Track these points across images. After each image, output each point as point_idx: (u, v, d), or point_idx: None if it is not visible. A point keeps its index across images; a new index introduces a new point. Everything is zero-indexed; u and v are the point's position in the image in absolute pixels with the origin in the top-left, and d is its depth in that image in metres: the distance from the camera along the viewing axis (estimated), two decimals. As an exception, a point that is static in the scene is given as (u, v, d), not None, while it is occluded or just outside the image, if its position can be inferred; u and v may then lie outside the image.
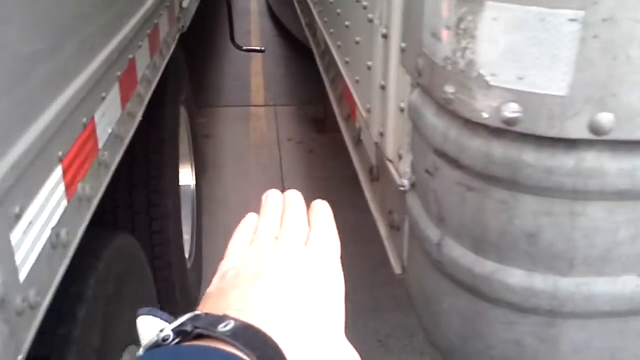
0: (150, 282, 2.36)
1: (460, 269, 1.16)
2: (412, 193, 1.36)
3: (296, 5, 5.20)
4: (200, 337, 0.45)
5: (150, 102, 2.30)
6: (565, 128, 0.99)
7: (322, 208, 0.65)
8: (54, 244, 1.04)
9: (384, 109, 1.60)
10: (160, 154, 2.84)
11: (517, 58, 0.99)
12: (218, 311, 0.48)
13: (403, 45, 1.41)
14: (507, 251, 1.11)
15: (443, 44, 1.10)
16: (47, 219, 1.03)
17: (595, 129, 0.98)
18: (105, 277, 1.69)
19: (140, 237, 2.78)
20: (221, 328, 0.45)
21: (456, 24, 1.05)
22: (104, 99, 1.41)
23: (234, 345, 0.43)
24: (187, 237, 3.70)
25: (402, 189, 1.38)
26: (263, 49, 5.64)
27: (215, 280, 0.58)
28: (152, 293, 2.38)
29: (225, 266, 0.60)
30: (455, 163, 1.12)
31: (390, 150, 1.57)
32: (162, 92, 2.98)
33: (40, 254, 0.98)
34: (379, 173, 1.74)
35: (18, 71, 0.96)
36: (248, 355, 0.43)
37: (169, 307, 3.04)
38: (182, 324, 0.46)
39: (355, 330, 3.51)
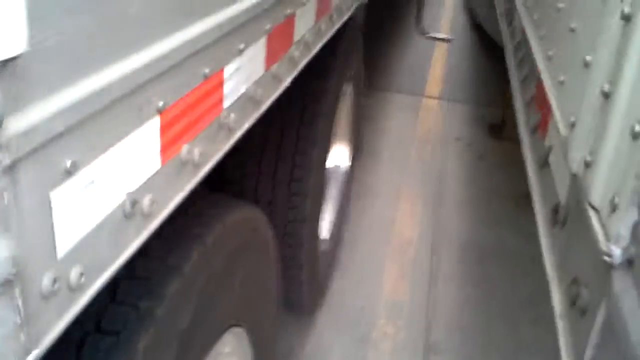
0: (273, 261, 2.17)
1: None
2: (624, 271, 0.94)
3: None
4: None
5: (313, 72, 2.08)
6: None
7: None
8: (127, 213, 0.84)
9: (602, 127, 1.12)
10: (313, 128, 2.64)
11: None
12: None
13: None
14: None
15: None
16: (120, 180, 0.82)
17: None
18: (213, 250, 1.51)
19: (277, 210, 2.64)
20: None
21: None
22: (241, 51, 1.20)
23: None
24: (329, 218, 3.52)
25: (606, 259, 0.96)
26: (450, 37, 5.25)
27: None
28: (271, 272, 2.19)
29: None
30: None
31: (597, 193, 1.11)
32: (329, 64, 2.78)
33: (103, 222, 0.78)
34: (567, 217, 1.27)
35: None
36: None
37: (293, 287, 2.88)
38: None
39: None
